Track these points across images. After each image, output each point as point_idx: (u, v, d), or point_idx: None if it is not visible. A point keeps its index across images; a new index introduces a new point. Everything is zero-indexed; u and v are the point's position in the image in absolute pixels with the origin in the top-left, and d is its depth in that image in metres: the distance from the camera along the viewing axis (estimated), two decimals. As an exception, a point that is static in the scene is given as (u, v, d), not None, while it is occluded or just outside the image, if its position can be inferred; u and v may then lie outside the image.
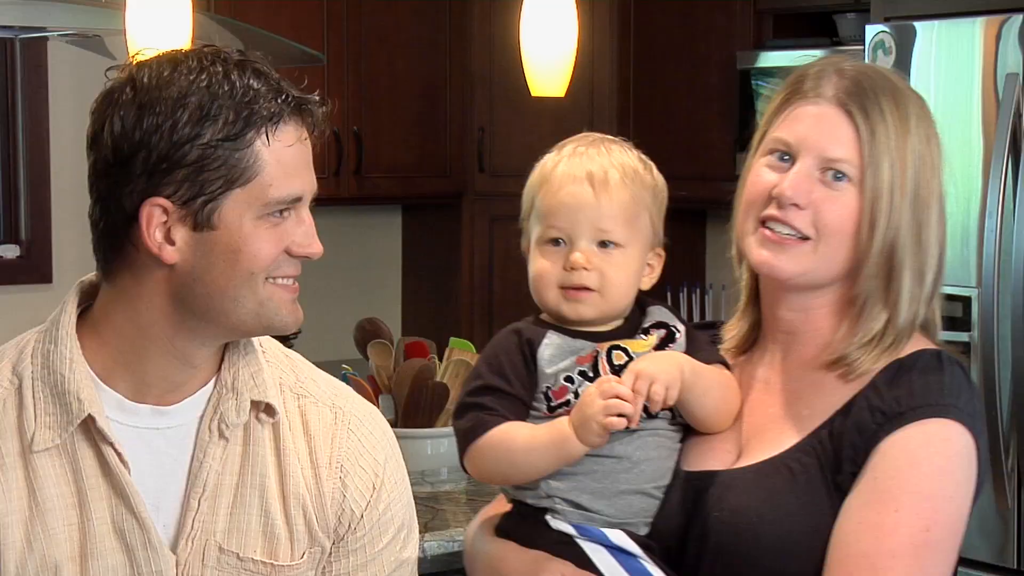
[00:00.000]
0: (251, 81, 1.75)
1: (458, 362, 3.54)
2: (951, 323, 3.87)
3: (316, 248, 1.81)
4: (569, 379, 1.98)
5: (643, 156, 2.07)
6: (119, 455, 1.78)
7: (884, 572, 1.83)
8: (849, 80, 1.94)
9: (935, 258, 1.97)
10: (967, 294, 3.81)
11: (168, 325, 1.79)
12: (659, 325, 2.04)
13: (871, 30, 4.04)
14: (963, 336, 3.82)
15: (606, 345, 2.00)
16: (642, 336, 2.02)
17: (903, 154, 1.93)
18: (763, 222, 1.94)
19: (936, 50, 3.89)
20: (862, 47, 4.06)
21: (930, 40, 3.91)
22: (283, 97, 1.76)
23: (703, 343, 2.06)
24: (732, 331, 2.09)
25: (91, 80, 4.92)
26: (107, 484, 1.79)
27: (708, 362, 2.02)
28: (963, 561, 3.42)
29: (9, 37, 4.25)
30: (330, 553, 1.91)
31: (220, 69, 1.75)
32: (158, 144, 1.71)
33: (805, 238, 1.93)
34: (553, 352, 1.99)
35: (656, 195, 2.05)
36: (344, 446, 1.91)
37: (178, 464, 1.82)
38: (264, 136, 1.74)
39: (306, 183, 1.79)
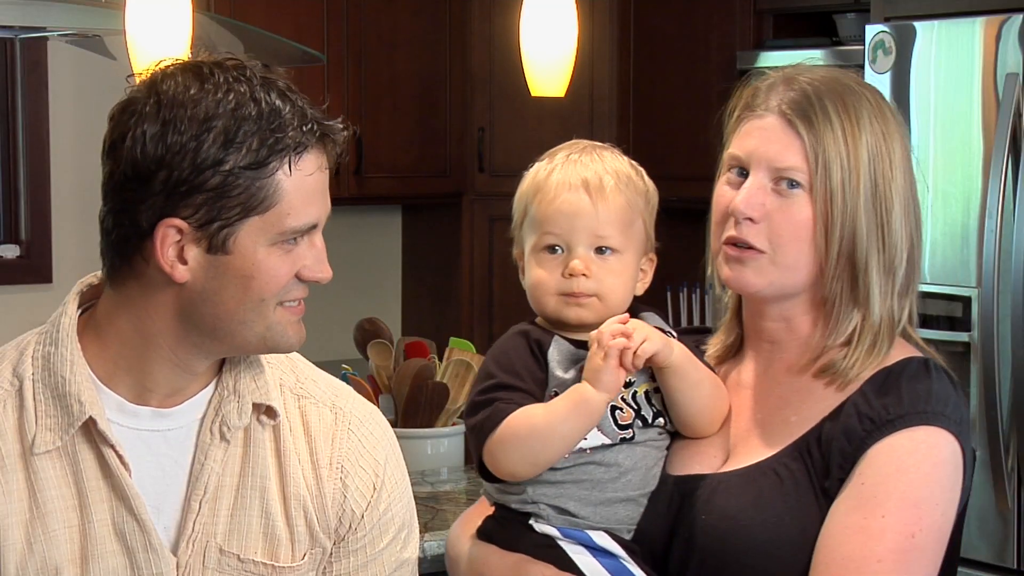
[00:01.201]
0: (277, 103, 1.73)
1: (458, 362, 3.54)
2: (951, 323, 3.87)
3: (326, 273, 1.81)
4: None
5: (633, 162, 2.08)
6: (120, 457, 1.78)
7: None
8: (796, 91, 1.96)
9: (905, 252, 1.96)
10: (967, 294, 3.81)
11: (172, 338, 1.79)
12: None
13: (871, 30, 4.04)
14: (963, 336, 3.82)
15: None
16: None
17: (855, 154, 1.93)
18: (727, 241, 1.97)
19: (936, 50, 3.89)
20: (862, 47, 4.07)
21: (930, 40, 3.91)
22: (308, 125, 1.74)
23: (689, 349, 2.06)
24: (716, 344, 2.11)
25: (91, 80, 4.95)
26: (108, 486, 1.79)
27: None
28: (963, 561, 3.43)
29: (9, 37, 4.24)
30: (331, 554, 1.91)
31: (246, 89, 1.72)
32: (180, 164, 1.70)
33: (763, 251, 1.95)
34: (560, 358, 2.00)
35: (649, 200, 2.07)
36: (344, 446, 1.91)
37: (179, 466, 1.82)
38: (287, 166, 1.73)
39: (322, 210, 1.79)
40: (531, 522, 1.99)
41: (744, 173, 1.97)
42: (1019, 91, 3.69)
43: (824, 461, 1.90)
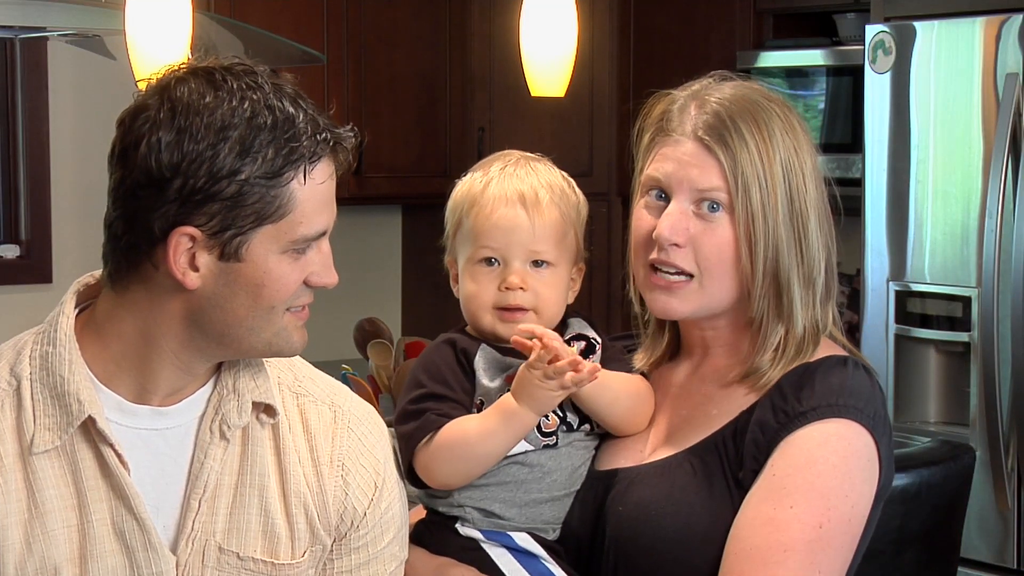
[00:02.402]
0: (290, 110, 1.73)
1: (458, 362, 3.53)
2: (951, 323, 3.87)
3: (333, 279, 1.82)
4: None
5: (564, 174, 2.11)
6: (119, 456, 1.78)
7: (775, 566, 1.86)
8: (708, 113, 1.99)
9: (823, 262, 2.00)
10: (967, 294, 3.81)
11: (176, 342, 1.79)
12: (579, 337, 2.07)
13: (871, 30, 4.04)
14: (963, 336, 3.82)
15: None
16: None
17: (771, 172, 1.96)
18: (652, 266, 1.99)
19: (936, 50, 3.89)
20: (862, 47, 4.07)
21: (930, 40, 3.91)
22: (321, 134, 1.74)
23: (617, 354, 2.10)
24: (642, 359, 2.12)
25: (91, 80, 4.95)
26: (107, 485, 1.78)
27: (622, 372, 2.06)
28: (963, 561, 3.42)
29: (9, 37, 4.24)
30: (331, 551, 1.91)
31: (259, 97, 1.72)
32: (196, 173, 1.69)
33: (690, 276, 1.97)
34: (486, 366, 2.03)
35: (580, 212, 2.10)
36: (345, 444, 1.91)
37: (177, 465, 1.82)
38: (301, 175, 1.73)
39: (331, 217, 1.79)
40: (456, 525, 2.02)
41: (663, 196, 1.99)
42: (1019, 91, 3.69)
43: (738, 453, 1.94)
